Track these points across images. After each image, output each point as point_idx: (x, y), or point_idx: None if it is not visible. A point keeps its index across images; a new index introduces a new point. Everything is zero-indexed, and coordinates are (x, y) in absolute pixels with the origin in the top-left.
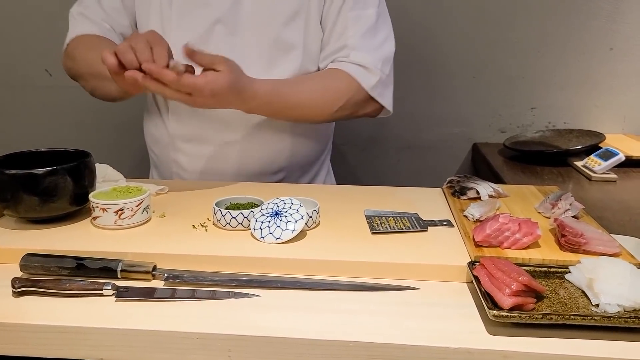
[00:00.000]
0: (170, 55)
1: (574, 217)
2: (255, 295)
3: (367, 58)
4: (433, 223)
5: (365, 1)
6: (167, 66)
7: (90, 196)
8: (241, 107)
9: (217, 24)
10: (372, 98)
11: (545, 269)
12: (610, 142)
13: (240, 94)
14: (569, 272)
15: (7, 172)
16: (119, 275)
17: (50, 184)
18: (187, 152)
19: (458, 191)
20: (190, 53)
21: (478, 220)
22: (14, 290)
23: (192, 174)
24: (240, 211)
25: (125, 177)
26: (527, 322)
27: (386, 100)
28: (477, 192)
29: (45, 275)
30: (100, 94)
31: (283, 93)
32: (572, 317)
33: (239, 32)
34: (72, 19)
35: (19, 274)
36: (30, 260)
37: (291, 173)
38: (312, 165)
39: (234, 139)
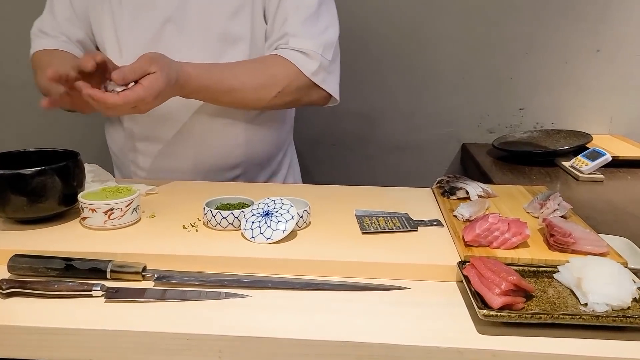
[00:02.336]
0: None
1: (562, 217)
2: (246, 296)
3: (307, 44)
4: (423, 223)
5: None
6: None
7: (80, 196)
8: (179, 93)
9: (167, 23)
10: (315, 85)
11: (534, 268)
12: (598, 142)
13: (176, 83)
14: (558, 271)
15: None
16: (108, 276)
17: (38, 184)
18: (143, 151)
19: (448, 191)
20: (121, 78)
21: (468, 220)
22: (2, 291)
23: (149, 172)
24: (230, 211)
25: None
26: (517, 321)
27: (330, 86)
28: (467, 192)
29: (33, 276)
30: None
31: (217, 76)
32: (560, 316)
33: (188, 30)
34: (33, 36)
35: (6, 275)
36: (19, 261)
37: (249, 168)
38: (271, 161)
39: (188, 136)
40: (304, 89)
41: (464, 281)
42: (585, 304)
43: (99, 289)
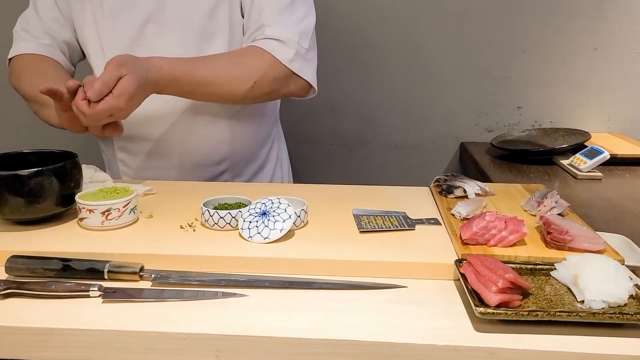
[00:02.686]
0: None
1: (559, 214)
2: (243, 295)
3: (282, 32)
4: (420, 221)
5: None
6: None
7: (77, 197)
8: (153, 89)
9: (147, 23)
10: (294, 74)
11: (531, 266)
12: (596, 140)
13: (147, 80)
14: (555, 269)
15: None
16: (105, 277)
17: (35, 185)
18: (130, 151)
19: (445, 190)
20: (97, 95)
21: (465, 219)
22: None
23: (137, 171)
24: (228, 211)
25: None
26: (514, 318)
27: (308, 75)
28: (464, 191)
29: (31, 277)
30: (42, 118)
31: (189, 68)
32: (557, 313)
33: (168, 29)
34: (16, 35)
35: (4, 276)
36: (16, 262)
37: (235, 163)
38: (257, 155)
39: (172, 134)
40: (281, 79)
41: (461, 279)
42: (582, 301)
43: (96, 289)
